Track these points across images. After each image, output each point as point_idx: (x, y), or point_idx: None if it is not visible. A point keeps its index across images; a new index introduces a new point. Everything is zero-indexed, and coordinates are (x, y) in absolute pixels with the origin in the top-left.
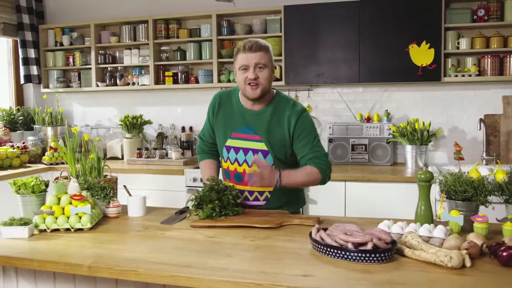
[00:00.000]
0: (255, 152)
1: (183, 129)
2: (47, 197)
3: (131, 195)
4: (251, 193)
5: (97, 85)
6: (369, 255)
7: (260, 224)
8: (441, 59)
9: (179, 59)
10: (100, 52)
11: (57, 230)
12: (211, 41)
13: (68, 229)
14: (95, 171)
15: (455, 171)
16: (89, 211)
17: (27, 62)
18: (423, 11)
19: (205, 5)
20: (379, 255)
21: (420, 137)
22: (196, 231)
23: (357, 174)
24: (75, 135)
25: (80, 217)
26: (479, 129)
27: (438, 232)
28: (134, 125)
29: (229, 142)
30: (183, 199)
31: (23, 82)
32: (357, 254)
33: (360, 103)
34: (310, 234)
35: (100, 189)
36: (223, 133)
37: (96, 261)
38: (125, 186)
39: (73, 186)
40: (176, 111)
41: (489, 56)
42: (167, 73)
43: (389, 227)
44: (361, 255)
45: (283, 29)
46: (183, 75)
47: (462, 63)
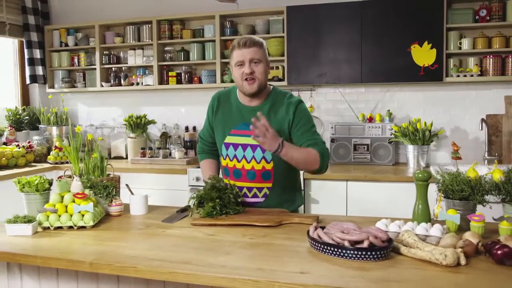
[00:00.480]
0: (253, 147)
1: (186, 129)
2: (51, 195)
3: (133, 193)
4: (250, 189)
5: (102, 85)
6: (365, 253)
7: (259, 222)
8: (443, 59)
9: (182, 59)
10: (104, 52)
11: (60, 227)
12: (214, 41)
13: (71, 227)
14: (98, 170)
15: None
16: (91, 209)
17: (32, 62)
18: (425, 11)
19: (208, 6)
20: (375, 253)
21: (422, 137)
22: (196, 229)
23: (358, 173)
24: (79, 134)
25: (83, 215)
26: (481, 129)
27: (435, 230)
28: (138, 125)
29: (227, 139)
30: (185, 198)
31: (28, 82)
32: (353, 252)
33: (362, 103)
34: (308, 232)
35: (102, 188)
36: (222, 131)
37: (98, 258)
38: (127, 185)
39: (76, 184)
40: (179, 111)
41: (491, 56)
42: (170, 73)
43: (386, 225)
44: (357, 253)
45: (285, 29)
46: (186, 75)
47: (464, 63)
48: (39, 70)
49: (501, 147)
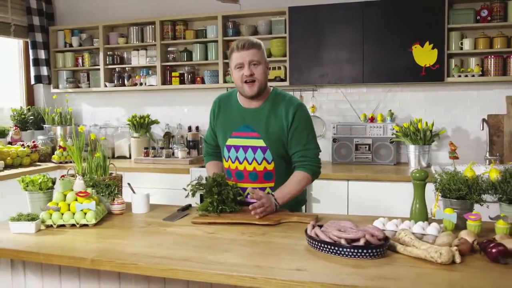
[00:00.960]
0: (254, 149)
1: (189, 128)
2: (54, 194)
3: (135, 192)
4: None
5: (106, 86)
6: (361, 250)
7: (259, 221)
8: (444, 60)
9: (185, 59)
10: (108, 53)
11: (63, 225)
12: (217, 42)
13: (73, 225)
14: (101, 169)
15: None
16: (94, 208)
17: (37, 63)
18: (426, 11)
19: (211, 7)
20: (371, 250)
21: (423, 137)
22: (196, 228)
23: (360, 173)
24: (82, 134)
25: (85, 213)
26: (482, 129)
27: (431, 229)
28: (142, 124)
29: (229, 142)
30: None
31: (33, 82)
32: (349, 250)
33: (364, 103)
34: (306, 231)
35: (105, 187)
36: (224, 133)
37: (99, 255)
38: (129, 184)
39: (78, 183)
40: (182, 111)
41: (492, 56)
42: (173, 73)
43: (384, 224)
44: (353, 250)
45: (287, 30)
46: (189, 76)
47: (466, 63)
48: (44, 71)
49: (502, 147)
